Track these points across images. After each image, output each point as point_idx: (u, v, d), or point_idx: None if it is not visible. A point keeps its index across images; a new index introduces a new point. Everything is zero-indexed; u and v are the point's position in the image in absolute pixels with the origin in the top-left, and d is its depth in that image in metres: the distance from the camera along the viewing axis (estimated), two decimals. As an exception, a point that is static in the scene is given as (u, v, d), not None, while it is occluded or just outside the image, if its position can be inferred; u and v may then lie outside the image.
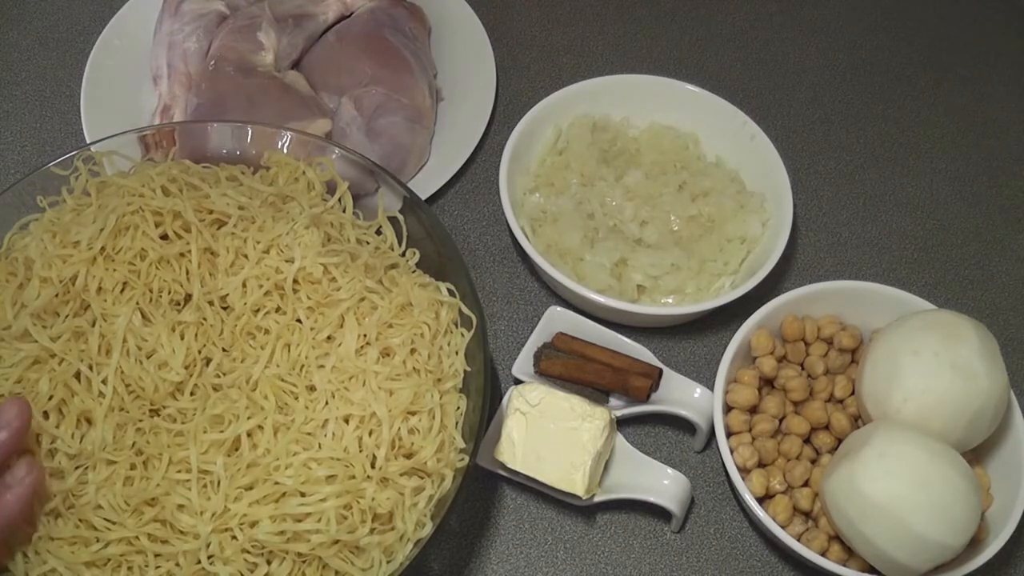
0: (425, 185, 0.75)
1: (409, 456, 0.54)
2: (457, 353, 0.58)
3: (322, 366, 0.55)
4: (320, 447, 0.52)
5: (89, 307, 0.56)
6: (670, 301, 0.69)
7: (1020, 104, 0.85)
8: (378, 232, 0.64)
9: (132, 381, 0.54)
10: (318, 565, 0.51)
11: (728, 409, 0.62)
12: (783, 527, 0.58)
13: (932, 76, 0.87)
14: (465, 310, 0.59)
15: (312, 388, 0.55)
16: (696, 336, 0.71)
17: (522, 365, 0.65)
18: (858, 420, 0.62)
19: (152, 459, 0.52)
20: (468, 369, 0.57)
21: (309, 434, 0.53)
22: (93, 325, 0.55)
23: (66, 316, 0.56)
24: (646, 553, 0.62)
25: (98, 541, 0.50)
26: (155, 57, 0.79)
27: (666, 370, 0.64)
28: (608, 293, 0.67)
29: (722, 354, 0.62)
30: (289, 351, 0.55)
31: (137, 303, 0.56)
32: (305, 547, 0.50)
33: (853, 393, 0.63)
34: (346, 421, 0.53)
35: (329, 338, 0.56)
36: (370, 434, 0.53)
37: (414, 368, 0.56)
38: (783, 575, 0.62)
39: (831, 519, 0.57)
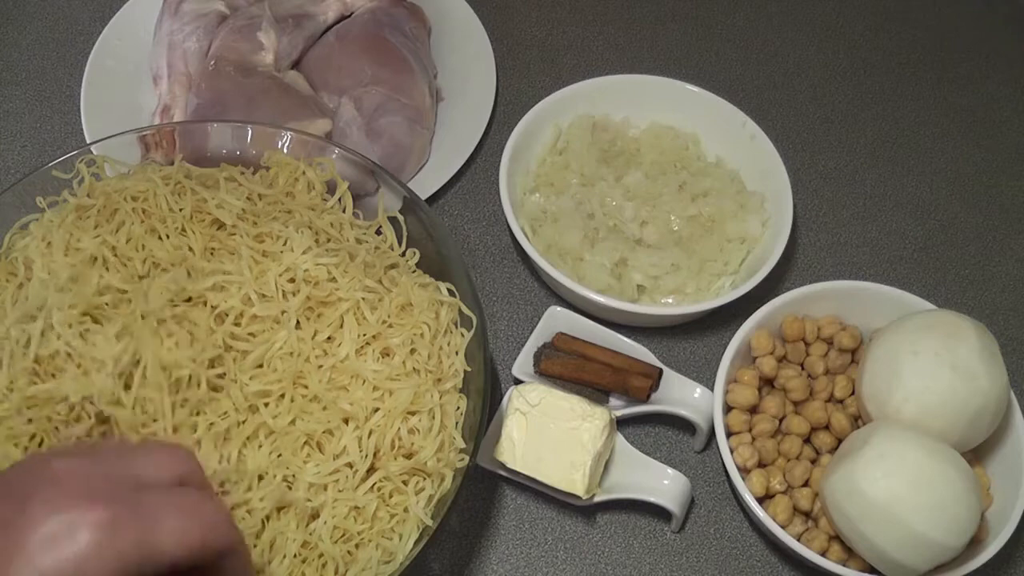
0: (425, 185, 0.75)
1: (409, 456, 0.54)
2: (457, 353, 0.58)
3: (321, 366, 0.55)
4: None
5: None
6: (670, 301, 0.69)
7: (1020, 104, 0.85)
8: (378, 232, 0.64)
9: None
10: (318, 564, 0.51)
11: (728, 409, 0.62)
12: (783, 527, 0.58)
13: (932, 76, 0.87)
14: (465, 310, 0.59)
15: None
16: (696, 336, 0.71)
17: (522, 365, 0.65)
18: (858, 420, 0.62)
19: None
20: (468, 369, 0.57)
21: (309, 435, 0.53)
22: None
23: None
24: (646, 553, 0.62)
25: None
26: (155, 57, 0.79)
27: (666, 370, 0.64)
28: (608, 293, 0.67)
29: (722, 354, 0.62)
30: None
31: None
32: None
33: (853, 393, 0.62)
34: (345, 422, 0.53)
35: (329, 338, 0.56)
36: (369, 435, 0.53)
37: (414, 368, 0.56)
38: (783, 575, 0.62)
39: (831, 519, 0.57)
